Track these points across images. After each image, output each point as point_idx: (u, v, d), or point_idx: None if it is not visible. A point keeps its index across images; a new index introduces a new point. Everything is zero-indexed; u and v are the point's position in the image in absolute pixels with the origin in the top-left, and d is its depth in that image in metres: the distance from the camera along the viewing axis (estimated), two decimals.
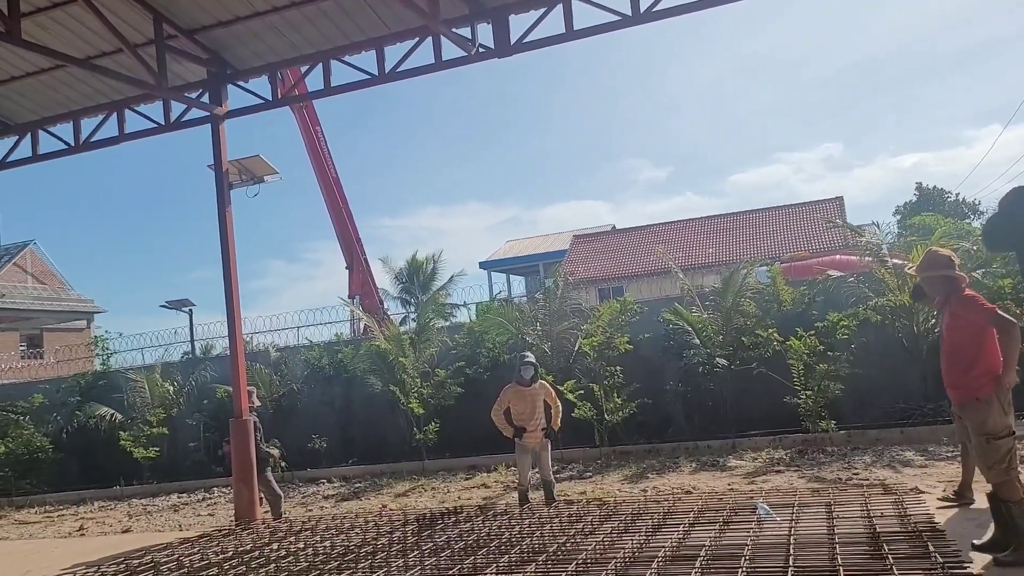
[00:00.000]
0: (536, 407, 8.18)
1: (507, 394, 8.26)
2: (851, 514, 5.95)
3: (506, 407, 8.24)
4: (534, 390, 8.22)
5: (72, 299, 32.01)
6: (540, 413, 8.20)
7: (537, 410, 8.18)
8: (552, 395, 8.39)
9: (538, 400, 8.21)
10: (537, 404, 8.19)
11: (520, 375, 8.23)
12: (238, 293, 9.84)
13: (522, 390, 8.19)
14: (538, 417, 8.18)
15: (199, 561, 6.92)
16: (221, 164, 9.85)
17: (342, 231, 23.91)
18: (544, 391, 8.32)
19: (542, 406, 8.24)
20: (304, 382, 14.56)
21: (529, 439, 8.17)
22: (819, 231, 29.43)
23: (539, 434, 8.19)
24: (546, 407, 8.30)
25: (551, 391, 8.45)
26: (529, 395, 8.18)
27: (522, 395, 8.19)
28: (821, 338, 10.67)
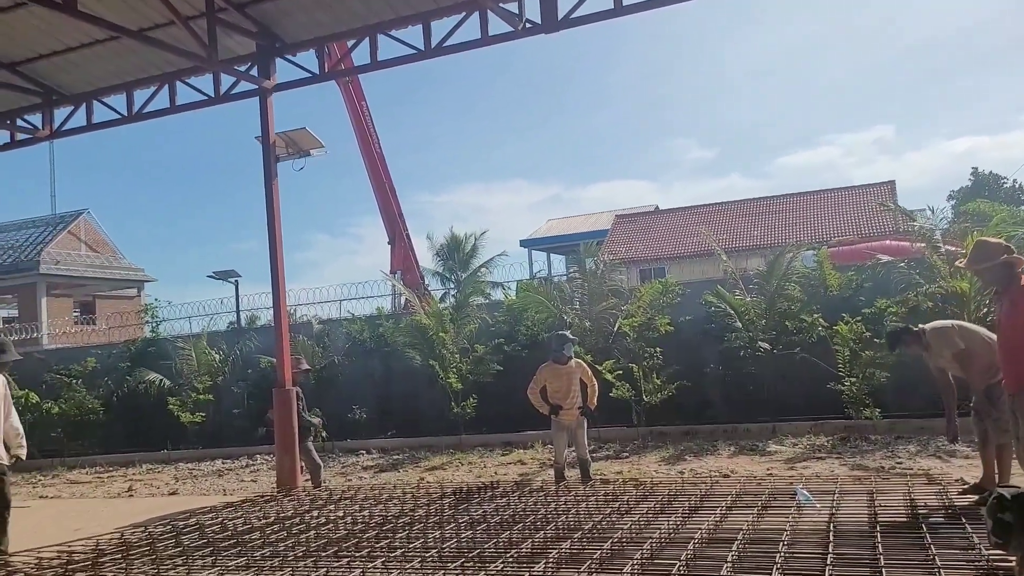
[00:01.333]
0: (572, 385, 8.16)
1: (543, 372, 8.24)
2: (893, 503, 5.86)
3: (542, 386, 8.22)
4: (570, 368, 8.20)
5: (124, 267, 32.84)
6: (576, 391, 8.18)
7: (573, 388, 8.16)
8: (588, 373, 8.35)
9: (574, 378, 8.18)
10: (573, 382, 8.17)
11: (559, 353, 8.19)
12: (283, 265, 9.98)
13: (558, 368, 8.18)
14: (574, 395, 8.16)
15: (242, 525, 7.11)
16: (268, 137, 9.97)
17: (385, 206, 24.07)
18: (580, 369, 8.28)
19: (578, 384, 8.21)
20: (345, 354, 14.76)
21: (565, 416, 8.16)
22: (869, 216, 28.76)
23: (575, 412, 8.17)
24: (582, 385, 8.27)
25: (587, 369, 8.41)
26: (565, 373, 8.16)
27: (558, 373, 8.18)
28: (868, 324, 10.46)
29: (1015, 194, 34.75)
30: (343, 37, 10.15)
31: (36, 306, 28.15)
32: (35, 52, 10.43)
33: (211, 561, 5.75)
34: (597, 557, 4.97)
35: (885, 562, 4.26)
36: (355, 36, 9.93)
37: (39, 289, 28.63)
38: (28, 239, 30.74)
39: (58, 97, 11.35)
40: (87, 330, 25.76)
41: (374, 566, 5.22)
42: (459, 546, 5.64)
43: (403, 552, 5.55)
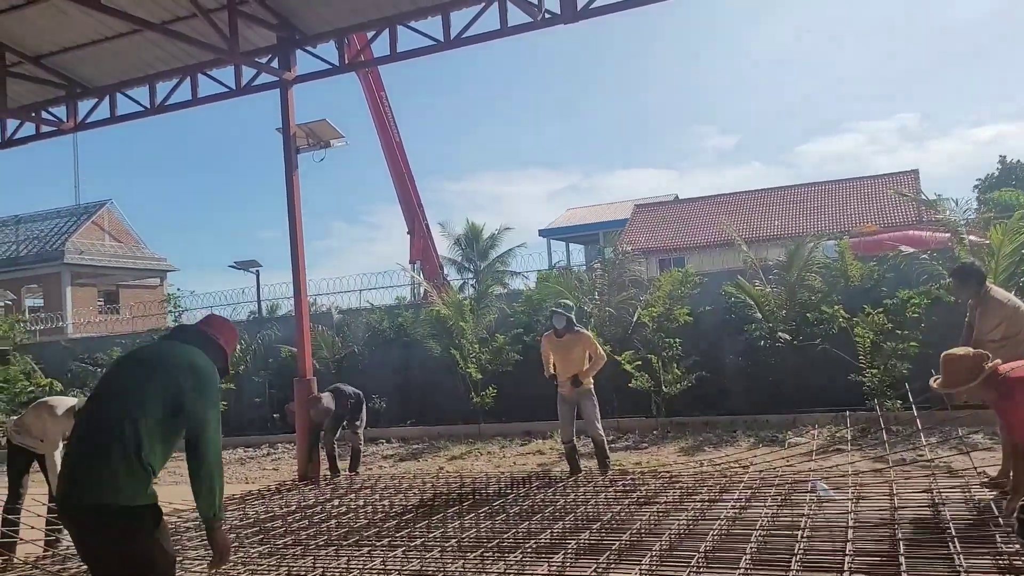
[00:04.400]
0: (571, 356, 8.04)
1: (544, 342, 8.31)
2: (914, 497, 5.83)
3: (549, 353, 8.23)
4: (566, 341, 8.06)
5: (147, 257, 33.23)
6: (576, 363, 8.04)
7: (572, 360, 8.04)
8: (594, 346, 8.17)
9: (574, 350, 8.04)
10: (572, 354, 8.04)
11: (550, 325, 8.18)
12: (303, 256, 10.05)
13: (555, 340, 8.13)
14: (572, 367, 8.03)
15: (264, 513, 7.21)
16: (289, 128, 10.03)
17: (404, 196, 24.12)
18: (582, 342, 8.10)
19: (580, 357, 8.06)
20: (365, 344, 14.87)
21: (562, 389, 8.12)
22: (891, 205, 28.44)
23: (568, 384, 8.04)
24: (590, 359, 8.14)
25: (593, 343, 8.22)
26: (563, 345, 8.07)
27: (555, 345, 8.13)
28: (890, 316, 10.37)
29: None
30: (362, 28, 10.17)
31: (61, 295, 28.59)
32: (59, 45, 10.54)
33: (234, 549, 5.85)
34: (615, 548, 5.00)
35: (905, 557, 4.25)
36: (374, 27, 9.94)
37: (64, 279, 29.07)
38: (53, 229, 31.18)
39: (82, 90, 11.47)
40: (111, 319, 26.11)
41: (394, 555, 5.29)
42: (478, 536, 5.69)
43: (423, 541, 5.62)
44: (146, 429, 3.04)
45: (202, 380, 3.21)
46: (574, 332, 8.14)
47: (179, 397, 3.12)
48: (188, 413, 3.12)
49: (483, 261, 35.57)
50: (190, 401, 3.13)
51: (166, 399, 3.11)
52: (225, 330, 3.59)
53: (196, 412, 3.13)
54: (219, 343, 3.50)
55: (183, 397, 3.13)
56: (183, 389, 3.13)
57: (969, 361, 4.53)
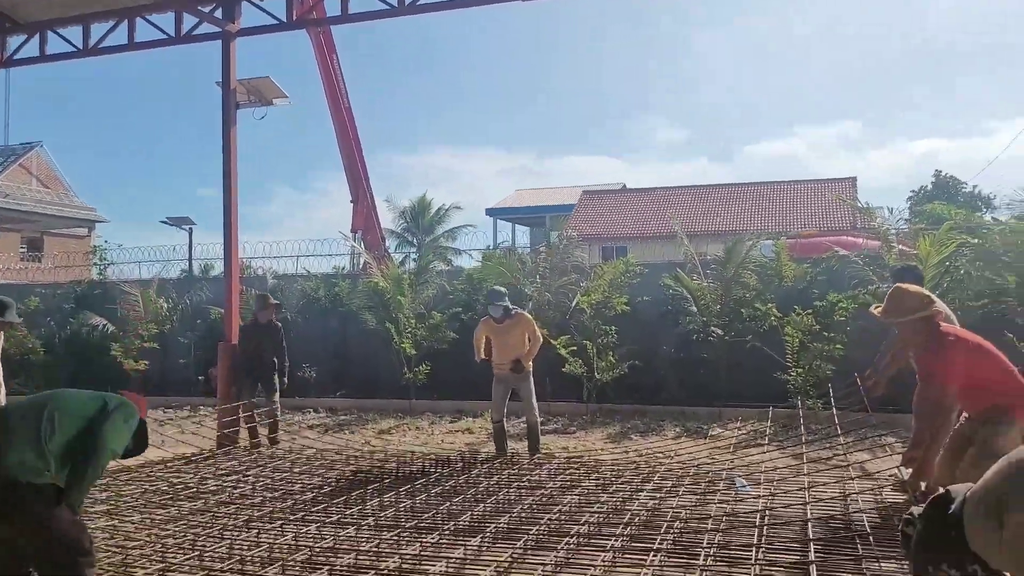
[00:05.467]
0: (510, 342, 8.00)
1: (482, 327, 8.18)
2: (828, 494, 5.96)
3: (484, 337, 8.15)
4: (506, 325, 7.99)
5: (75, 206, 31.89)
6: (516, 348, 7.99)
7: (511, 345, 7.99)
8: (533, 328, 8.09)
9: (512, 333, 7.99)
10: (511, 338, 7.99)
11: (487, 311, 8.06)
12: (236, 214, 9.73)
13: (494, 325, 8.06)
14: (512, 350, 7.98)
15: (176, 481, 6.98)
16: (229, 82, 9.65)
17: (350, 164, 23.64)
18: (522, 324, 8.02)
19: (520, 340, 8.01)
20: (299, 312, 14.54)
21: (499, 369, 8.08)
22: (829, 210, 29.18)
23: (507, 366, 7.98)
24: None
25: (532, 324, 8.14)
26: (501, 330, 8.02)
27: (494, 330, 8.07)
28: (819, 317, 10.60)
29: (973, 199, 35.39)
30: None
31: None
32: None
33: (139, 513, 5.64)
34: (534, 533, 4.97)
35: (815, 553, 4.32)
36: None
37: None
38: None
39: (11, 24, 10.80)
40: (33, 267, 25.01)
41: (307, 531, 5.16)
42: (396, 515, 5.60)
43: (339, 518, 5.50)
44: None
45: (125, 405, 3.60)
46: (513, 316, 8.06)
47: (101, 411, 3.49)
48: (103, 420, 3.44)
49: (427, 236, 35.27)
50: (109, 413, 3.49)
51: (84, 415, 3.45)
52: (142, 406, 3.82)
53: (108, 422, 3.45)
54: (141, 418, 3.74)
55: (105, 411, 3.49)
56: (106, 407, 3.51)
57: (918, 298, 4.72)
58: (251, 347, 9.14)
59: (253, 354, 9.10)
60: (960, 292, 10.08)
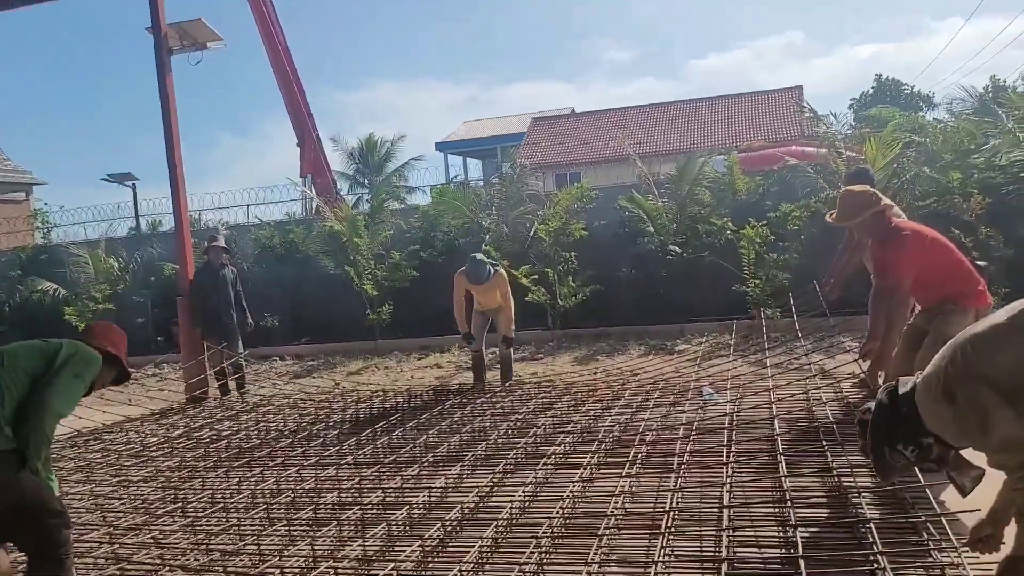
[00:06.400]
0: (488, 296, 8.02)
1: (459, 283, 7.92)
2: (791, 396, 6.17)
3: (463, 295, 7.97)
4: (490, 284, 7.88)
5: (9, 170, 30.53)
6: (493, 302, 8.05)
7: (489, 298, 8.03)
8: (506, 289, 7.96)
9: (490, 292, 7.98)
10: (489, 295, 8.00)
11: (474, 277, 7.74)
12: (182, 166, 9.46)
13: (477, 287, 7.90)
14: (491, 303, 8.06)
15: (149, 437, 6.95)
16: (160, 28, 9.23)
17: (292, 105, 22.99)
18: (499, 284, 7.91)
19: (497, 297, 8.03)
20: (255, 261, 14.33)
21: (479, 307, 8.10)
22: (777, 120, 29.39)
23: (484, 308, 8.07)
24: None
25: (505, 284, 7.98)
26: (486, 289, 7.94)
27: (478, 290, 7.96)
28: (773, 228, 10.78)
29: (914, 100, 35.86)
30: None
31: None
32: None
33: (114, 472, 5.63)
34: (511, 457, 5.08)
35: (782, 453, 4.50)
36: None
37: None
38: None
39: None
40: None
41: (287, 475, 5.21)
42: (375, 452, 5.67)
43: (318, 460, 5.55)
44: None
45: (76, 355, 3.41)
46: (491, 278, 7.85)
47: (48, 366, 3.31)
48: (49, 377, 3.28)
49: (379, 176, 34.71)
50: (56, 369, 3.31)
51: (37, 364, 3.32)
52: (110, 335, 3.76)
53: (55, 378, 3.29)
54: (107, 351, 3.65)
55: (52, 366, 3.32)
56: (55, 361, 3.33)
57: (866, 196, 4.87)
58: (207, 291, 8.94)
59: (210, 300, 8.91)
60: (907, 192, 10.31)
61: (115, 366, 3.71)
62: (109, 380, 3.74)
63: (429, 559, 3.66)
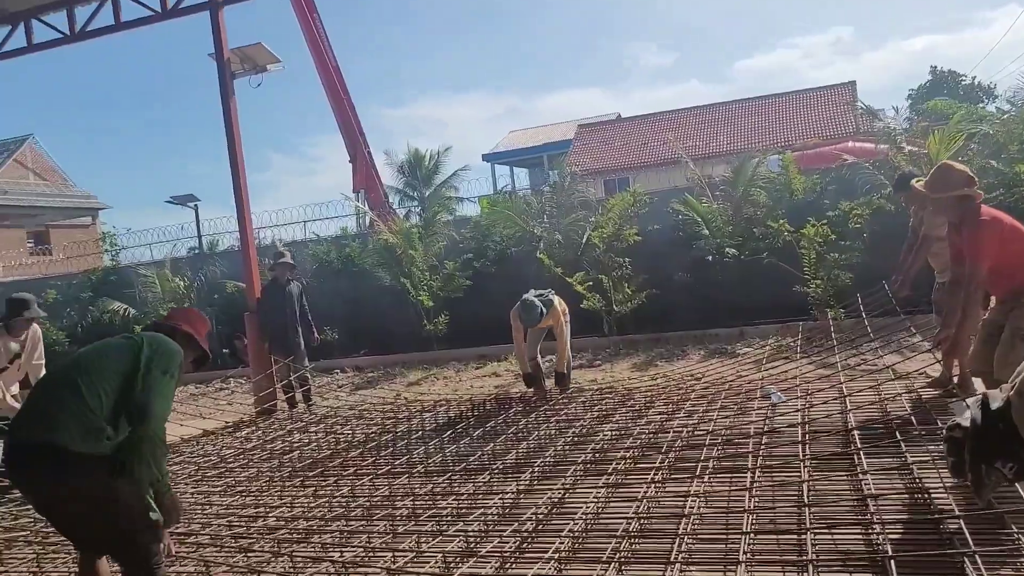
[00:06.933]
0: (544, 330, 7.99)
1: (516, 324, 7.71)
2: (863, 399, 6.07)
3: (523, 337, 7.79)
4: (544, 323, 7.71)
5: (76, 195, 31.77)
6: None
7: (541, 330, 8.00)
8: (561, 325, 7.70)
9: (546, 326, 7.86)
10: (542, 328, 7.93)
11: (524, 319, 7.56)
12: (247, 187, 9.74)
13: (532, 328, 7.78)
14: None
15: (225, 448, 7.16)
16: (223, 53, 9.54)
17: (344, 123, 23.42)
18: (553, 317, 7.66)
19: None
20: (313, 276, 14.63)
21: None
22: (830, 118, 28.82)
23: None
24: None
25: (559, 320, 7.70)
26: (540, 327, 7.85)
27: (533, 330, 7.86)
28: (833, 227, 10.61)
29: (973, 91, 34.87)
30: None
31: None
32: None
33: (195, 483, 5.81)
34: (580, 463, 5.11)
35: (859, 455, 4.44)
36: None
37: None
38: None
39: None
40: (44, 261, 25.07)
41: (361, 483, 5.32)
42: (444, 460, 5.75)
43: (389, 469, 5.65)
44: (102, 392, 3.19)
45: (159, 351, 3.35)
46: (548, 311, 7.67)
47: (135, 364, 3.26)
48: (140, 379, 3.23)
49: (427, 188, 35.04)
50: (144, 368, 3.25)
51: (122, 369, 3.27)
52: (189, 318, 3.72)
53: (147, 379, 3.24)
54: (183, 330, 3.61)
55: (139, 364, 3.26)
56: (140, 358, 3.28)
57: (965, 176, 4.76)
58: (275, 307, 9.16)
59: (277, 316, 9.14)
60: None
61: (193, 347, 3.64)
62: (190, 363, 3.67)
63: (507, 564, 3.70)
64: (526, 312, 7.50)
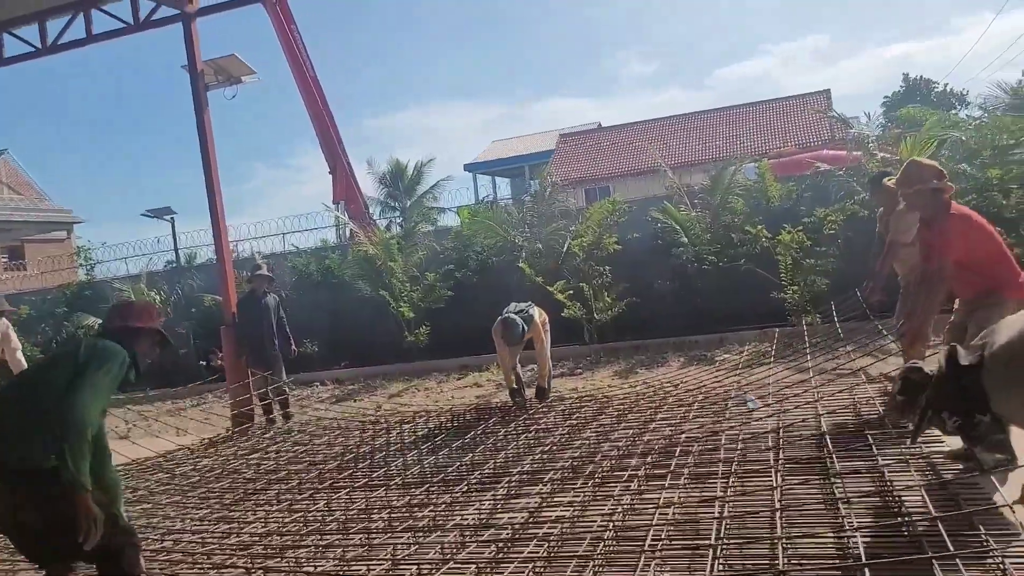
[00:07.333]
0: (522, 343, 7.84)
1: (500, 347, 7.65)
2: (837, 403, 6.10)
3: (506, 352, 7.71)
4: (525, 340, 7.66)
5: (51, 209, 31.45)
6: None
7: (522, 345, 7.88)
8: (541, 340, 7.68)
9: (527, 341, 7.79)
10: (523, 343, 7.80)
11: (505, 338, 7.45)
12: (221, 199, 9.67)
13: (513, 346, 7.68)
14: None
15: (201, 463, 7.08)
16: (196, 64, 9.49)
17: (323, 134, 23.32)
18: (533, 332, 7.59)
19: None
20: (292, 288, 14.56)
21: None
22: (806, 125, 29.15)
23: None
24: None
25: (539, 329, 7.64)
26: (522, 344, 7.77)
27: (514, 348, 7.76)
28: (809, 233, 10.70)
29: (946, 98, 35.32)
30: None
31: None
32: None
33: (176, 501, 5.74)
34: (557, 472, 5.10)
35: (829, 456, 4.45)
36: None
37: None
38: None
39: None
40: (18, 276, 24.80)
41: (338, 497, 5.28)
42: (422, 471, 5.72)
43: (366, 481, 5.61)
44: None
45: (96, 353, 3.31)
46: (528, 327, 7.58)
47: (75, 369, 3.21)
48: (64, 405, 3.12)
49: (409, 198, 35.00)
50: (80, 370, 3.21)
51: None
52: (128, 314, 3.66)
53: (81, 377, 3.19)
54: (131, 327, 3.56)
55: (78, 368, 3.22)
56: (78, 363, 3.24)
57: (935, 170, 4.86)
58: (251, 320, 9.08)
59: (254, 328, 9.06)
60: None
61: (149, 337, 3.60)
62: (154, 353, 3.69)
63: (483, 573, 3.68)
64: (507, 332, 7.43)
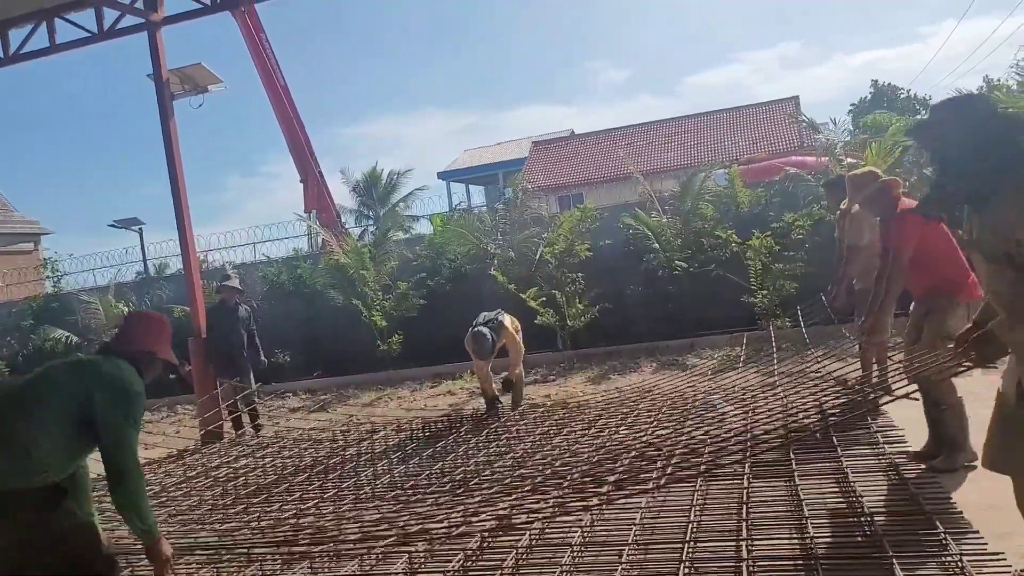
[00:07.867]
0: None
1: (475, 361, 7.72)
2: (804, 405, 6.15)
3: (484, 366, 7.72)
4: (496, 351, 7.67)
5: (16, 220, 30.88)
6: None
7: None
8: (512, 338, 7.68)
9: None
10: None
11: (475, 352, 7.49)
12: (188, 209, 9.58)
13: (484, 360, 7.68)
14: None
15: (166, 478, 6.98)
16: (161, 73, 9.41)
17: (294, 143, 23.18)
18: (505, 339, 7.62)
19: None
20: (264, 298, 14.43)
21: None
22: (776, 132, 29.51)
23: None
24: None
25: (511, 334, 7.67)
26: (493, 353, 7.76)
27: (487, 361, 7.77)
28: (777, 238, 10.82)
29: (911, 104, 35.92)
30: None
31: None
32: None
33: None
34: (528, 478, 5.08)
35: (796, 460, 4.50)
36: None
37: None
38: None
39: None
40: None
41: (306, 508, 5.22)
42: (392, 481, 5.68)
43: (336, 492, 5.57)
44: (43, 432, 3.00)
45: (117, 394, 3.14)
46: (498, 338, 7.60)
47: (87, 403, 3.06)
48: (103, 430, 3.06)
49: (383, 207, 34.88)
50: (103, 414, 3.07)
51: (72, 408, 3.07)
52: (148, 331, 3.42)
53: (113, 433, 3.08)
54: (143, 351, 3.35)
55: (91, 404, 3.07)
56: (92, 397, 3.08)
57: (868, 174, 5.21)
58: (221, 331, 8.97)
59: (224, 339, 8.95)
60: (910, 196, 10.32)
61: (156, 365, 3.44)
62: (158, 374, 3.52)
63: None
64: (477, 346, 7.42)
